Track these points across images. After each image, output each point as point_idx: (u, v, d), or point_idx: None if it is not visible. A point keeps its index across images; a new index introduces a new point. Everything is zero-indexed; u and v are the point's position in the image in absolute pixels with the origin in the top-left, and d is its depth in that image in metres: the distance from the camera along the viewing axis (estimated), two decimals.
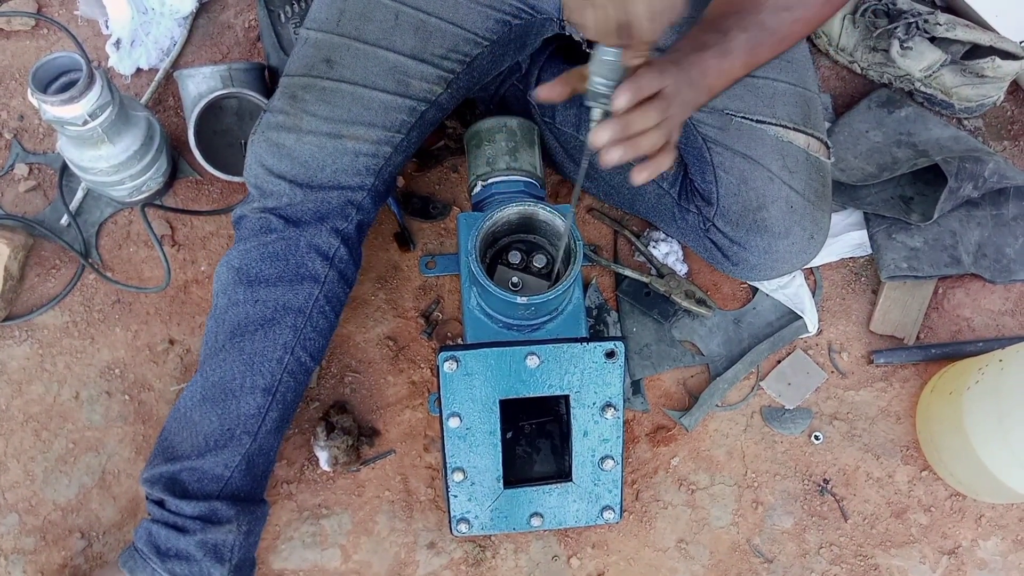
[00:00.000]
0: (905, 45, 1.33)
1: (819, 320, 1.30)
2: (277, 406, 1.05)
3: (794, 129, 1.10)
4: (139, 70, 1.35)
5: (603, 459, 1.09)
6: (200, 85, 1.26)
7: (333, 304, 1.09)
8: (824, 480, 1.25)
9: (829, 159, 1.14)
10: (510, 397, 1.06)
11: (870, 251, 1.32)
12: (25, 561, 1.15)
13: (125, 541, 1.16)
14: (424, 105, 1.09)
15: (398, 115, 1.08)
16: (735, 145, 1.10)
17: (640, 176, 0.88)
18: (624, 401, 1.09)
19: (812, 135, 1.12)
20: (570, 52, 1.23)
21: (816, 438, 1.26)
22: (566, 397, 1.07)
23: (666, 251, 1.31)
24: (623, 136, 0.84)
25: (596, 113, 0.87)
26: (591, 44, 1.16)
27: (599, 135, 0.84)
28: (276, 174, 1.06)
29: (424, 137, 1.14)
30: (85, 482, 1.18)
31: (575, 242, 1.04)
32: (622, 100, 0.83)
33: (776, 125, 1.10)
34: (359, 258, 1.13)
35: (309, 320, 1.06)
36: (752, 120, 1.09)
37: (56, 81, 1.10)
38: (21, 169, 1.30)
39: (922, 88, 1.37)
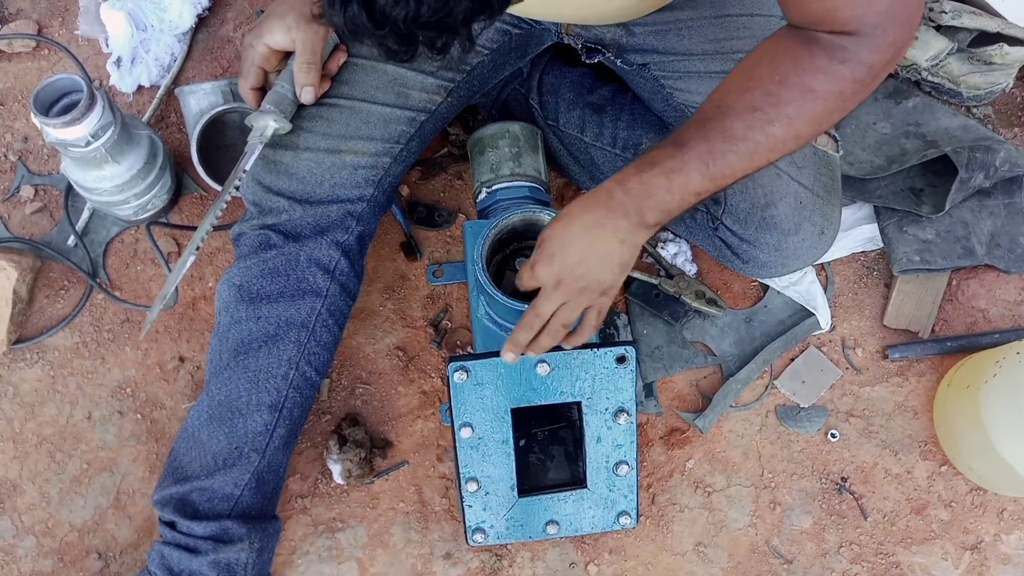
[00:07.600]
0: None
1: (832, 316, 1.29)
2: (284, 422, 1.05)
3: None
4: (140, 87, 1.35)
5: (617, 464, 1.08)
6: (201, 101, 1.26)
7: (336, 317, 1.09)
8: (842, 478, 1.23)
9: (838, 152, 1.13)
10: (521, 406, 1.05)
11: (881, 245, 1.31)
12: None
13: (142, 560, 1.16)
14: (424, 115, 1.09)
15: (397, 126, 1.07)
16: None
17: (569, 345, 0.97)
18: (637, 405, 1.08)
19: None
20: (571, 55, 1.22)
21: (832, 436, 1.25)
22: (578, 403, 1.07)
23: (674, 251, 1.29)
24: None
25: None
26: (591, 54, 1.16)
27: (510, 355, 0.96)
28: (274, 191, 1.05)
29: (424, 146, 1.14)
30: (100, 502, 1.18)
31: None
32: (511, 355, 0.95)
33: None
34: (361, 270, 1.12)
35: (313, 335, 1.06)
36: None
37: (58, 103, 1.10)
38: (27, 191, 1.30)
39: (929, 77, 1.36)
